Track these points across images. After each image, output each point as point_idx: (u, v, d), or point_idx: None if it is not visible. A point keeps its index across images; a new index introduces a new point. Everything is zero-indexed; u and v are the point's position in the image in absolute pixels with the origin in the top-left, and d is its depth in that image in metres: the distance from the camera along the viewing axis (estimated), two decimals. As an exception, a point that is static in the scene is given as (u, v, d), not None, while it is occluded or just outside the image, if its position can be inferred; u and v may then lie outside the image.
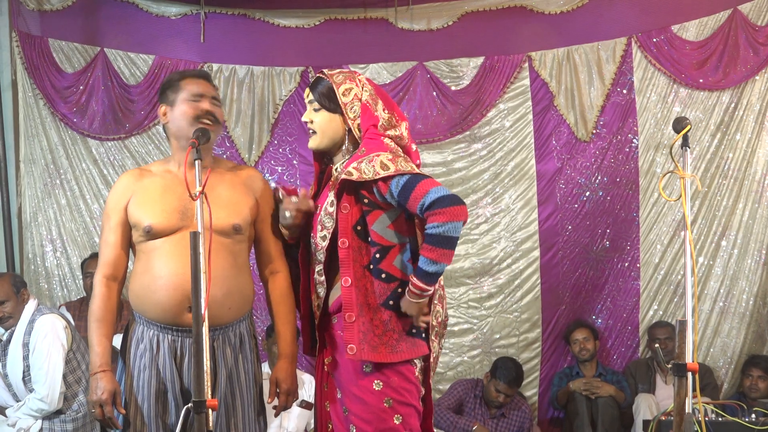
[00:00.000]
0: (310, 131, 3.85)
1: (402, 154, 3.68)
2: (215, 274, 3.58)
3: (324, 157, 3.98)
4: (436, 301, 3.75)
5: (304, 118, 3.87)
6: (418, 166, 3.82)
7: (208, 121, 3.85)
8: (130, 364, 3.88)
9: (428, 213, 3.53)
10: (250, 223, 3.95)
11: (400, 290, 3.66)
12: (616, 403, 7.17)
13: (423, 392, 3.79)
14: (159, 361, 3.81)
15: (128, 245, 3.95)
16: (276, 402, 3.96)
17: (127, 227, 3.90)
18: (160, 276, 3.77)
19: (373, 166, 3.58)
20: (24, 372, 5.68)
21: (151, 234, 3.81)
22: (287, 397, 3.96)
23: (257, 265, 4.12)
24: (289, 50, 7.85)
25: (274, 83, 7.85)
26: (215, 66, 7.79)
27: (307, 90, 3.87)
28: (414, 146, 3.88)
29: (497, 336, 7.80)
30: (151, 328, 3.83)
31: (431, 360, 3.79)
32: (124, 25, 7.78)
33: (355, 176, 3.59)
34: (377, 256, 3.66)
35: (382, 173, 3.56)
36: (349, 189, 3.67)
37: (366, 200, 3.66)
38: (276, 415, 4.03)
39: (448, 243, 3.53)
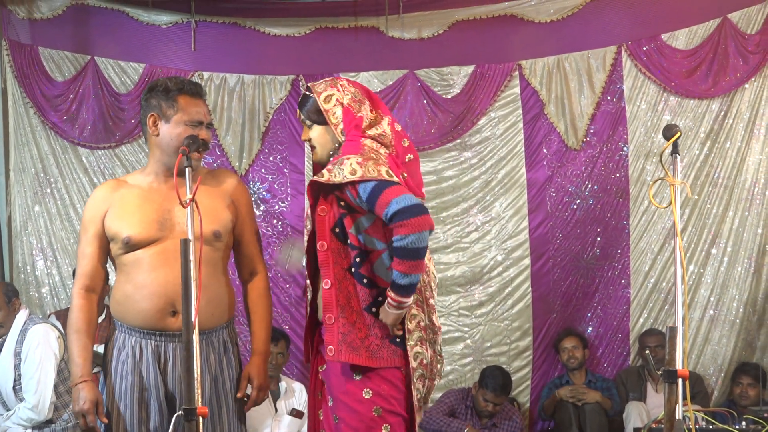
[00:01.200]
0: (312, 147, 3.89)
1: (374, 156, 3.66)
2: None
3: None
4: (411, 304, 3.72)
5: (302, 138, 3.92)
6: (411, 162, 3.85)
7: (203, 152, 3.86)
8: (111, 372, 3.88)
9: (392, 225, 3.55)
10: (230, 230, 3.96)
11: (380, 298, 3.67)
12: (603, 410, 7.18)
13: (411, 399, 3.78)
14: (142, 367, 3.82)
15: (106, 256, 3.95)
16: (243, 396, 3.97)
17: (104, 239, 3.90)
18: (143, 285, 3.79)
19: (343, 169, 3.59)
20: (15, 381, 5.67)
21: (130, 245, 3.81)
22: (258, 392, 3.97)
23: (236, 268, 4.13)
24: (280, 59, 7.85)
25: (264, 92, 7.85)
26: (206, 74, 7.79)
27: (298, 111, 3.92)
28: (406, 142, 3.89)
29: (488, 344, 7.80)
30: (133, 335, 3.83)
31: (424, 366, 3.77)
32: (115, 34, 7.78)
33: (324, 178, 3.63)
34: (357, 260, 3.68)
35: (350, 177, 3.57)
36: (326, 192, 3.70)
37: (342, 203, 3.69)
38: (247, 410, 4.02)
39: (415, 254, 3.54)
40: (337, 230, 3.69)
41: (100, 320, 5.88)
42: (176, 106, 3.86)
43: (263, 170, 7.84)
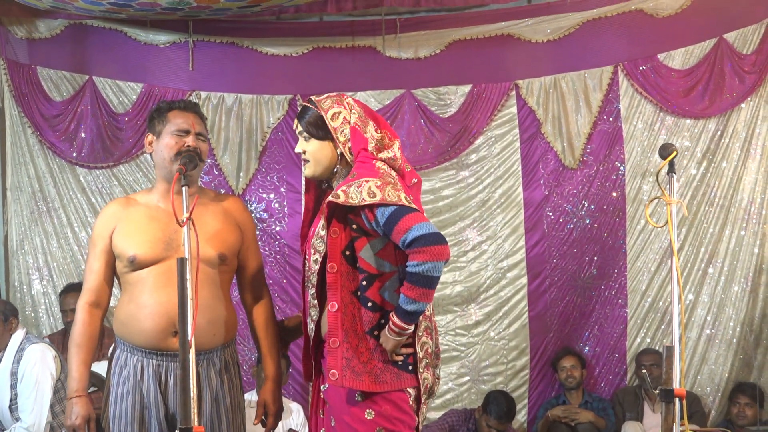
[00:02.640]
0: (305, 161, 3.83)
1: (392, 181, 3.62)
2: (200, 303, 3.61)
3: (320, 184, 3.98)
4: (421, 333, 3.70)
5: (296, 150, 3.86)
6: (414, 186, 3.83)
7: (186, 158, 3.88)
8: (112, 391, 3.91)
9: (410, 250, 3.51)
10: (235, 254, 3.99)
11: (383, 321, 3.64)
12: (597, 429, 7.17)
13: (417, 422, 3.77)
14: (143, 387, 3.84)
15: (112, 273, 3.99)
16: (259, 423, 4.02)
17: (111, 255, 3.94)
18: (145, 305, 3.81)
19: (361, 191, 3.54)
20: (11, 400, 5.65)
21: (136, 264, 3.85)
22: (274, 419, 4.03)
23: (240, 293, 4.18)
24: (278, 78, 7.86)
25: (262, 111, 7.86)
26: (203, 94, 7.80)
27: (296, 121, 3.87)
28: (408, 167, 3.85)
29: (485, 364, 7.79)
30: (135, 354, 3.86)
31: (422, 390, 3.75)
32: (113, 53, 7.79)
33: (341, 199, 3.57)
34: (364, 283, 3.64)
35: (369, 200, 3.53)
36: (339, 214, 3.66)
37: (354, 225, 3.64)
38: None
39: (429, 282, 3.50)
40: (347, 253, 3.65)
41: None
42: (165, 120, 3.95)
43: (260, 190, 7.84)
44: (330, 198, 3.62)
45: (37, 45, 7.74)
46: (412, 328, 3.60)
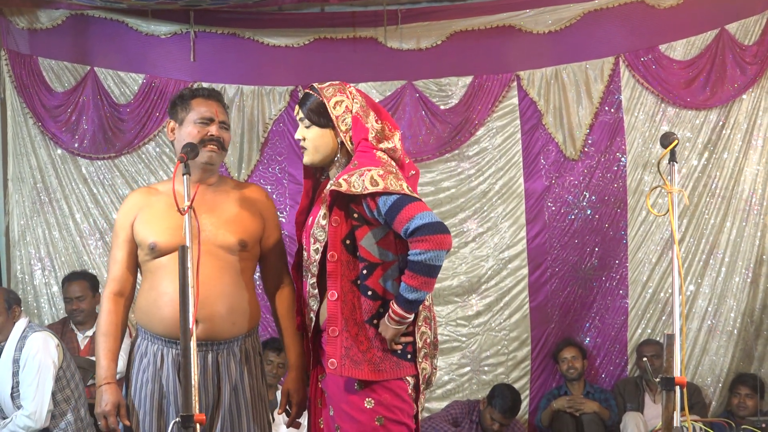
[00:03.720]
0: (303, 148, 3.83)
1: (394, 170, 3.63)
2: (220, 290, 3.74)
3: (317, 172, 3.98)
4: (421, 323, 3.71)
5: (297, 136, 3.86)
6: (412, 177, 3.83)
7: (214, 146, 3.92)
8: (132, 379, 3.93)
9: (412, 239, 3.51)
10: (257, 240, 4.01)
11: (382, 310, 3.64)
12: (601, 420, 7.18)
13: (416, 410, 3.77)
14: (162, 375, 3.86)
15: (135, 262, 4.01)
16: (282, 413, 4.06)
17: (134, 244, 3.97)
18: (165, 292, 3.83)
19: (363, 180, 3.55)
20: (13, 388, 5.66)
21: (156, 251, 3.87)
22: (299, 408, 4.05)
23: (262, 281, 4.19)
24: (279, 69, 7.86)
25: (263, 102, 7.86)
26: (205, 85, 7.78)
27: (297, 107, 3.86)
28: (407, 159, 3.85)
29: (486, 354, 7.79)
30: (155, 343, 3.88)
31: (421, 380, 3.75)
32: (114, 44, 7.79)
33: (343, 188, 3.57)
34: (364, 272, 3.64)
35: (371, 189, 3.53)
36: (340, 202, 3.66)
37: (356, 215, 3.64)
38: (288, 426, 4.08)
39: (430, 271, 3.51)
40: (347, 242, 3.66)
41: None
42: (189, 107, 3.95)
43: (262, 181, 7.83)
44: (332, 186, 3.61)
45: (39, 35, 7.74)
46: (411, 316, 3.60)
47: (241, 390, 3.92)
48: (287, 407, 4.08)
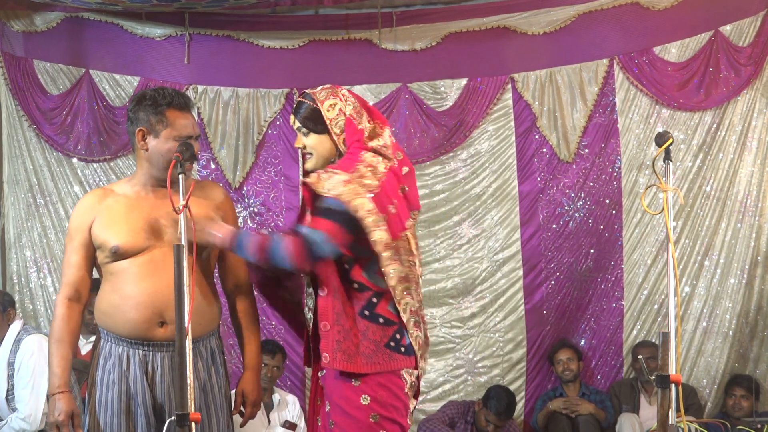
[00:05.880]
0: (306, 155, 3.84)
1: (364, 181, 3.62)
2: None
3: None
4: (411, 330, 3.73)
5: (296, 145, 3.88)
6: (407, 174, 3.83)
7: (193, 164, 3.89)
8: (97, 381, 3.87)
9: (296, 237, 3.59)
10: None
11: (374, 299, 3.68)
12: (597, 422, 7.18)
13: (411, 409, 3.79)
14: (129, 377, 3.81)
15: (91, 266, 3.94)
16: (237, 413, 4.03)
17: (91, 248, 3.89)
18: (130, 296, 3.78)
19: (328, 182, 3.61)
20: (8, 391, 5.66)
21: (118, 254, 3.80)
22: (253, 408, 4.03)
23: (221, 280, 4.14)
24: (274, 72, 7.86)
25: (258, 105, 7.86)
26: (200, 87, 7.80)
27: (292, 117, 3.87)
28: (400, 154, 3.84)
29: (481, 356, 7.79)
30: (120, 345, 3.83)
31: (420, 345, 3.79)
32: (109, 47, 7.79)
33: (311, 180, 3.66)
34: (346, 266, 3.69)
35: (323, 192, 3.60)
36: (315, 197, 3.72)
37: None
38: (241, 426, 4.08)
39: (270, 260, 3.62)
40: None
41: None
42: (165, 120, 3.83)
43: (258, 184, 7.84)
44: (304, 179, 3.71)
45: (34, 38, 7.73)
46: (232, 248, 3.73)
47: (209, 389, 3.90)
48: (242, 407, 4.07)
